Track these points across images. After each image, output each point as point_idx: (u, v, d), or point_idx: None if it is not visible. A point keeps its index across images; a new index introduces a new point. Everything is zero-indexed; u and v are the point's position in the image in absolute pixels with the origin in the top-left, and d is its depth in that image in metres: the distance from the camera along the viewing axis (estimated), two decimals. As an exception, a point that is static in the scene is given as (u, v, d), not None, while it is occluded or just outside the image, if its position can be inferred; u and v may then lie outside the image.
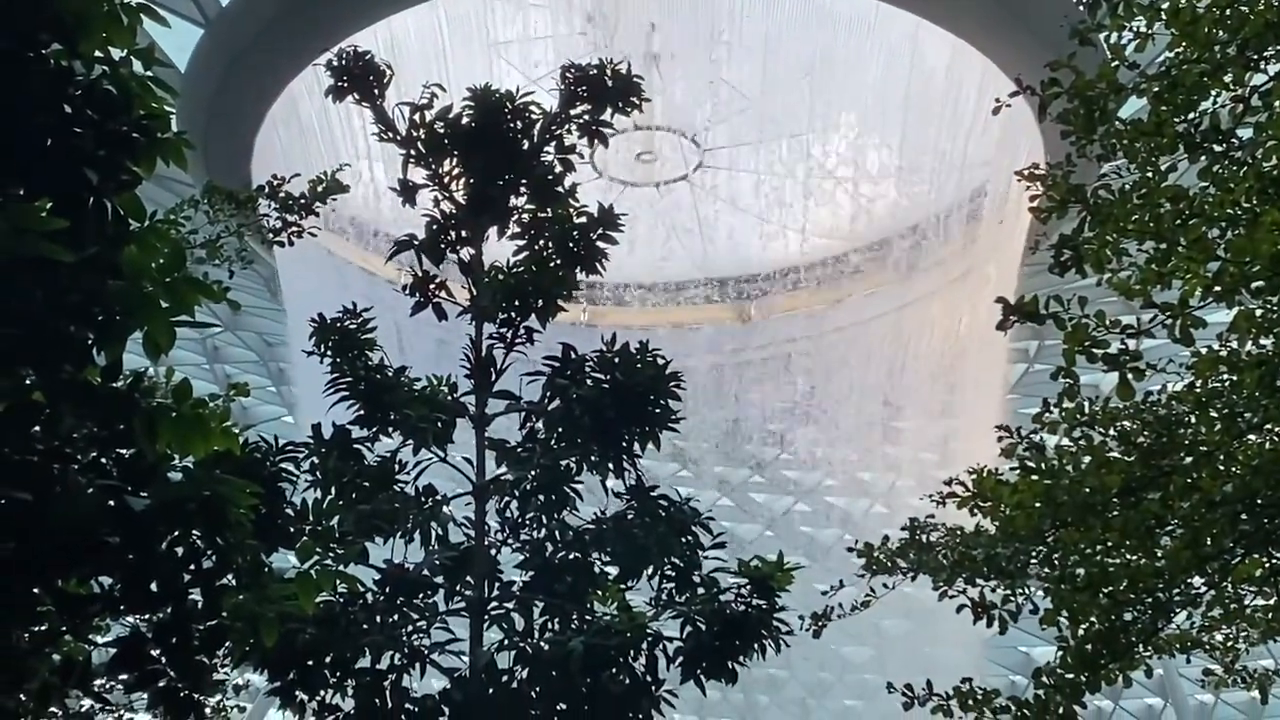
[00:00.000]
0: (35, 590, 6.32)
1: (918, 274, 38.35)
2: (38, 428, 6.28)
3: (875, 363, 41.38)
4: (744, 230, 38.56)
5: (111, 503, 6.26)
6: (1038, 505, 10.81)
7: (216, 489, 6.40)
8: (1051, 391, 10.78)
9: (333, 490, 13.10)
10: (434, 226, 14.60)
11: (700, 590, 13.03)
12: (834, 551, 41.83)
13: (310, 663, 12.39)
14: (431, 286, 14.42)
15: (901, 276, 38.78)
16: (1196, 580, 11.51)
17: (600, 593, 12.95)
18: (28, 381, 6.32)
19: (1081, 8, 9.85)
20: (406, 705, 12.79)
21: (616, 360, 13.39)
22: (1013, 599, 11.75)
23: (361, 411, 13.70)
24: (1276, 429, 10.72)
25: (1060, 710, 10.93)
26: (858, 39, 30.84)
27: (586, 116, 14.77)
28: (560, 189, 14.53)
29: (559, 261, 14.23)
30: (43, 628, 6.65)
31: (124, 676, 6.75)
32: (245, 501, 6.52)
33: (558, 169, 14.57)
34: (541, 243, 14.37)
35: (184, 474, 6.49)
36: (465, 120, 14.46)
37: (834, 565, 27.25)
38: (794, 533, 52.34)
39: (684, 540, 13.42)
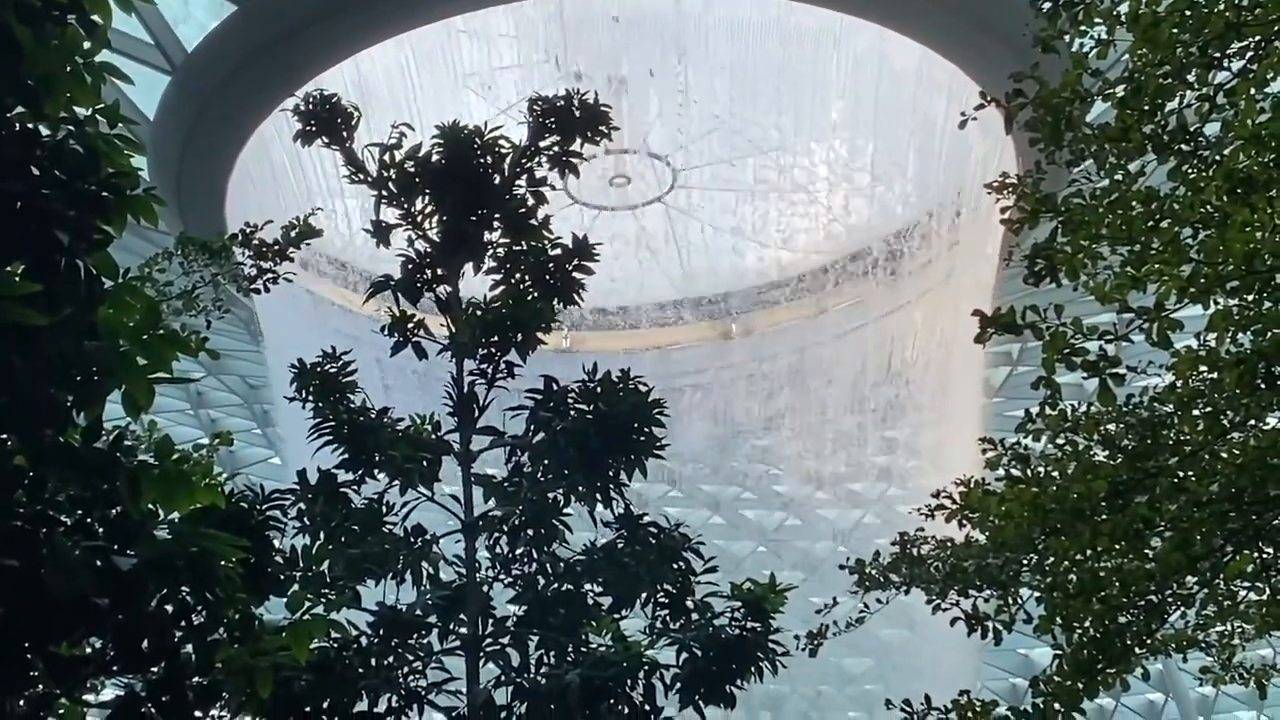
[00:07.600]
0: (28, 655, 6.29)
1: (897, 282, 38.42)
2: (21, 492, 6.26)
3: (859, 373, 41.41)
4: (722, 248, 38.61)
5: (99, 563, 6.24)
6: (1026, 514, 10.82)
7: (203, 544, 6.37)
8: (1037, 394, 10.78)
9: (321, 535, 13.04)
10: (409, 265, 14.55)
11: (694, 616, 13.00)
12: (828, 564, 41.80)
13: (308, 710, 12.30)
14: (410, 325, 14.36)
15: (881, 285, 38.84)
16: (1189, 580, 11.53)
17: (594, 624, 12.91)
18: (8, 445, 6.30)
19: (1037, 17, 9.88)
20: (407, 747, 12.74)
21: (598, 390, 13.36)
22: (1006, 609, 11.75)
23: (346, 455, 13.65)
24: (1259, 426, 10.76)
25: (1060, 718, 10.93)
26: (824, 51, 30.93)
27: (556, 148, 14.75)
28: (534, 221, 14.49)
29: (536, 294, 14.20)
30: (37, 690, 6.62)
31: (120, 737, 6.69)
32: (232, 555, 6.49)
33: (530, 202, 14.54)
34: (518, 276, 14.33)
35: (170, 530, 6.46)
36: (435, 158, 14.41)
37: (829, 577, 27.23)
38: (787, 547, 52.34)
39: (675, 566, 13.37)
